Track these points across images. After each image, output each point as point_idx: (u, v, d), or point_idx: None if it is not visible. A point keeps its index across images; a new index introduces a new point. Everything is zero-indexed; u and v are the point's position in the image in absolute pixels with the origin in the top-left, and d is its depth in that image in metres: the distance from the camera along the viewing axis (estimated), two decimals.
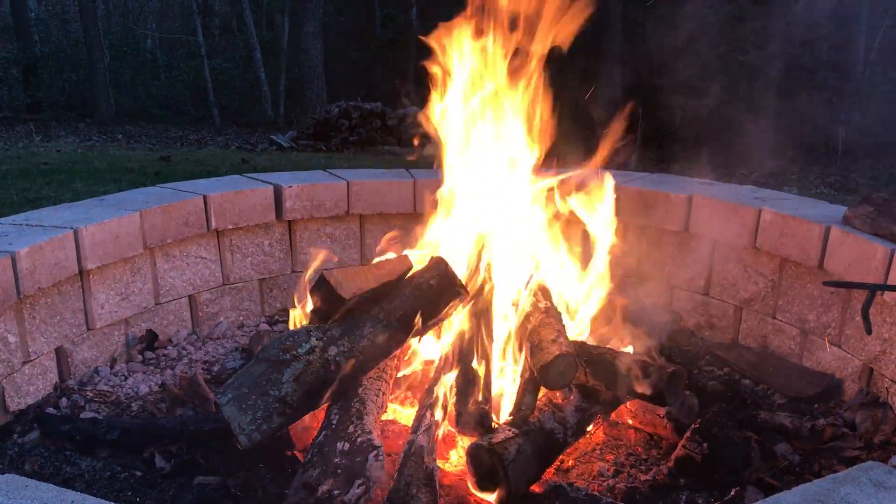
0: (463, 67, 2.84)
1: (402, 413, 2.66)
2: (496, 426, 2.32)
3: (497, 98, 2.84)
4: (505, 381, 2.62)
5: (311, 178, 3.84)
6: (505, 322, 2.67)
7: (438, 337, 2.69)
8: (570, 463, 2.47)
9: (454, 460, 2.42)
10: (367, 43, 17.92)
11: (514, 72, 2.81)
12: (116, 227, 3.03)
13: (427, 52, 2.87)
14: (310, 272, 2.62)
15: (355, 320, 2.37)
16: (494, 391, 2.50)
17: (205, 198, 3.41)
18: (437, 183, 2.94)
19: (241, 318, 3.72)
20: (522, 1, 2.70)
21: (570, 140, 3.00)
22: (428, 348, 2.76)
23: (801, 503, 1.55)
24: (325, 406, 2.33)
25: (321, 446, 2.11)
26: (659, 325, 3.20)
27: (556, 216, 2.98)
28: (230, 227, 3.55)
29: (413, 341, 2.63)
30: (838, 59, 15.04)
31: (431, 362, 2.68)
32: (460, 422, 2.37)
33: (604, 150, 2.95)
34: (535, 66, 2.81)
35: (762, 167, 11.76)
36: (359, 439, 2.09)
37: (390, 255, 2.69)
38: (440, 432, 2.41)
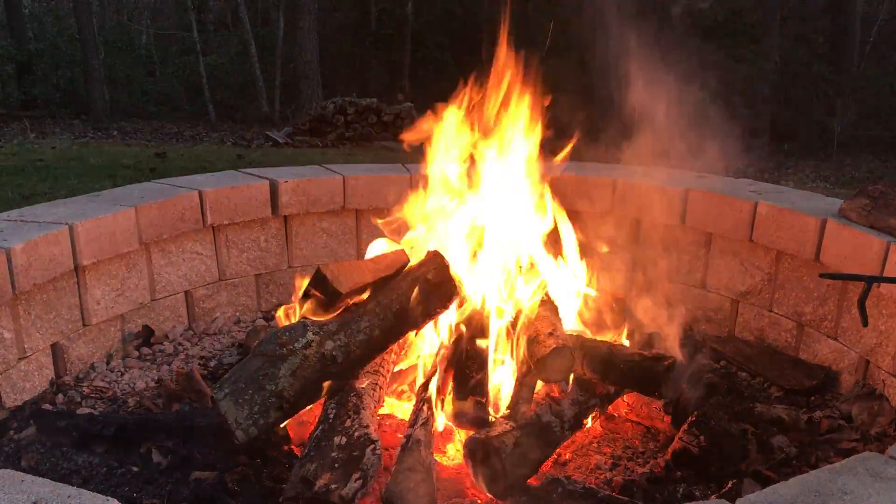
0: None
1: (399, 407, 2.66)
2: (493, 420, 2.32)
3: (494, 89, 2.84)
4: (502, 374, 2.62)
5: (307, 174, 3.84)
6: (501, 315, 2.67)
7: (435, 330, 2.69)
8: (567, 456, 2.47)
9: (451, 454, 2.42)
10: (363, 38, 17.87)
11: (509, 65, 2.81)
12: (112, 222, 3.02)
13: (424, 49, 2.86)
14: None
15: (352, 315, 2.37)
16: (491, 385, 2.50)
17: (200, 193, 3.40)
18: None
19: (238, 314, 3.71)
20: None
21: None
22: (425, 342, 2.75)
23: (799, 494, 1.55)
24: (322, 400, 2.33)
25: (318, 440, 2.11)
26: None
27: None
28: (226, 222, 3.54)
29: (410, 335, 2.63)
30: (834, 52, 15.06)
31: (428, 356, 2.68)
32: (457, 415, 2.37)
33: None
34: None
35: (758, 161, 11.76)
36: (356, 433, 2.09)
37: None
38: (437, 426, 2.42)
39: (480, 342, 2.53)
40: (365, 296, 2.44)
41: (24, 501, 1.44)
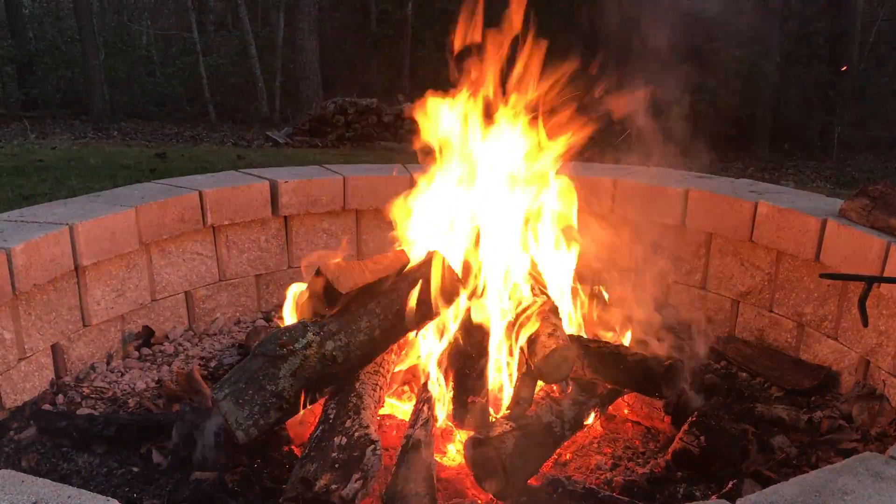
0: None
1: (399, 407, 2.66)
2: (494, 420, 2.32)
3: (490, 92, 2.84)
4: (502, 374, 2.62)
5: (307, 174, 3.83)
6: (502, 315, 2.67)
7: (435, 331, 2.69)
8: (567, 456, 2.47)
9: (452, 454, 2.42)
10: (363, 38, 17.87)
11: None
12: (112, 223, 3.02)
13: (423, 49, 2.85)
14: None
15: (352, 315, 2.37)
16: (492, 385, 2.50)
17: (200, 193, 3.41)
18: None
19: (238, 314, 3.71)
20: None
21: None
22: (425, 342, 2.75)
23: (800, 494, 1.55)
24: (322, 401, 2.33)
25: (318, 441, 2.11)
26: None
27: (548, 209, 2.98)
28: (226, 222, 3.54)
29: (410, 335, 2.62)
30: (834, 52, 15.05)
31: (428, 356, 2.68)
32: (458, 416, 2.37)
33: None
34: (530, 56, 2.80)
35: (758, 161, 11.77)
36: (356, 434, 2.09)
37: None
38: (438, 426, 2.42)
39: (481, 342, 2.53)
40: (365, 296, 2.44)
41: (24, 502, 1.44)
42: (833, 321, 3.04)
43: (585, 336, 2.79)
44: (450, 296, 2.53)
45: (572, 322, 2.87)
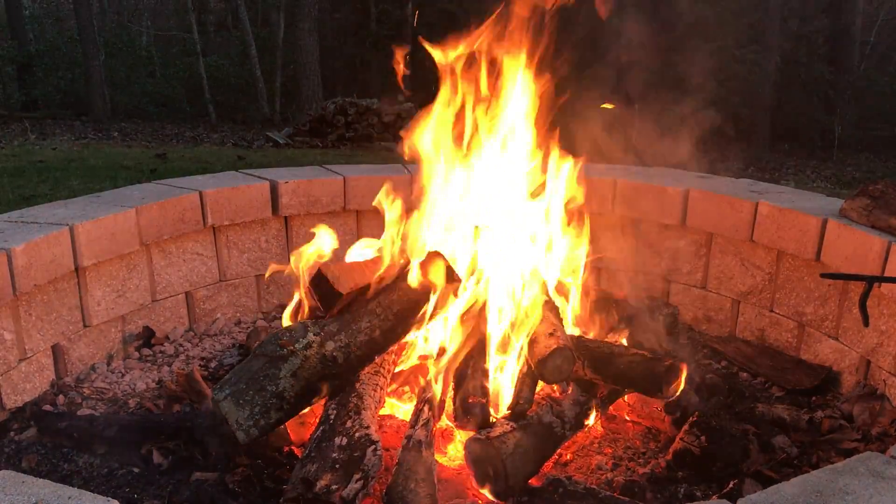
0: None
1: (400, 407, 2.66)
2: (494, 420, 2.32)
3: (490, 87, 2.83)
4: (503, 375, 2.61)
5: (308, 174, 3.83)
6: (502, 315, 2.66)
7: (436, 331, 2.69)
8: (568, 456, 2.47)
9: (452, 454, 2.42)
10: (363, 39, 17.88)
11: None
12: (112, 223, 3.02)
13: (424, 49, 2.84)
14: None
15: (353, 315, 2.37)
16: (492, 385, 2.50)
17: (201, 194, 3.40)
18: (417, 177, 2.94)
19: (238, 315, 3.71)
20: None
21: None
22: (425, 342, 2.75)
23: (801, 494, 1.55)
24: (322, 401, 2.33)
25: (319, 441, 2.11)
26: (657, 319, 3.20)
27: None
28: (226, 223, 3.54)
29: (411, 335, 2.62)
30: (834, 52, 15.06)
31: (429, 356, 2.68)
32: (458, 416, 2.37)
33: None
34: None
35: (758, 161, 11.76)
36: (356, 434, 2.09)
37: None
38: (438, 427, 2.42)
39: (481, 343, 2.53)
40: (366, 296, 2.44)
41: (24, 502, 1.44)
42: (834, 321, 3.04)
43: (585, 336, 2.79)
44: (450, 296, 2.53)
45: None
